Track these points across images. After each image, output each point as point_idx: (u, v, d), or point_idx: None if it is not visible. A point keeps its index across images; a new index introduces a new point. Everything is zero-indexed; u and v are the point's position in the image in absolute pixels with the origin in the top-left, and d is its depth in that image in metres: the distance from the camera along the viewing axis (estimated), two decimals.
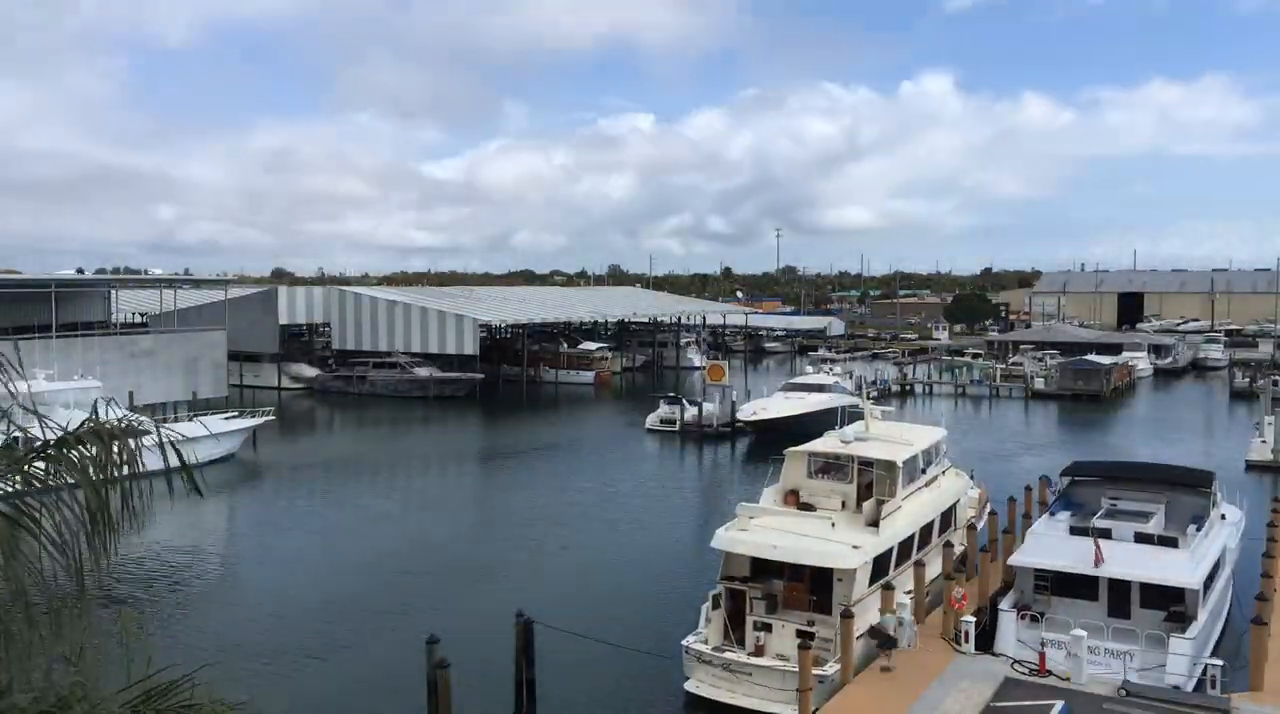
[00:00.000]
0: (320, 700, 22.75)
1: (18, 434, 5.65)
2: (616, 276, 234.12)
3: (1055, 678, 21.26)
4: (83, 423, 5.39)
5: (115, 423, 5.45)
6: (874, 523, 25.17)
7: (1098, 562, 22.94)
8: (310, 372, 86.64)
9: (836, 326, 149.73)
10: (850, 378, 77.27)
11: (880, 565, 24.28)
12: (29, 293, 62.92)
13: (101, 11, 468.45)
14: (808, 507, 26.79)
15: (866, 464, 27.42)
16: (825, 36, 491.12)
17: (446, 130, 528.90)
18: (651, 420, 64.93)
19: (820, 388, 64.54)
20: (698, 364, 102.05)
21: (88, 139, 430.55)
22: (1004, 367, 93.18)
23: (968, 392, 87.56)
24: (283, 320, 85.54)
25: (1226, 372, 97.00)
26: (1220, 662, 21.34)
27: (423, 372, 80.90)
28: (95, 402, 5.73)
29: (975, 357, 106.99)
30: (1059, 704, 19.76)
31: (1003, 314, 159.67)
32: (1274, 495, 39.55)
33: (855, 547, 23.61)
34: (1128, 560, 23.19)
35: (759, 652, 22.82)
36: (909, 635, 23.16)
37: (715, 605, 23.77)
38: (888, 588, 23.43)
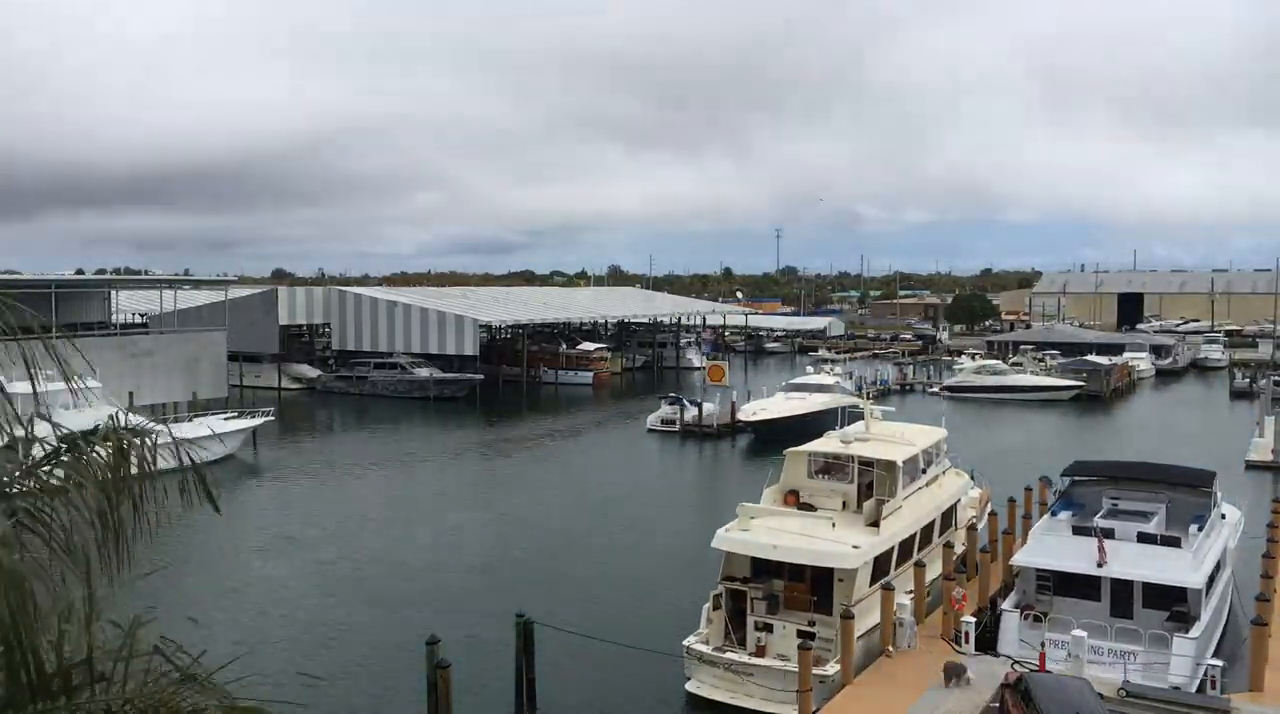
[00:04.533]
0: (321, 701, 22.75)
1: (24, 435, 5.65)
2: (616, 277, 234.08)
3: None
4: (95, 427, 5.41)
5: (127, 426, 5.47)
6: (874, 523, 25.17)
7: (1101, 560, 22.97)
8: (310, 372, 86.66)
9: (836, 327, 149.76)
10: (850, 378, 77.29)
11: (881, 565, 24.29)
12: (28, 293, 62.84)
13: None
14: (808, 507, 26.80)
15: (867, 464, 27.41)
16: None
17: None
18: (652, 420, 64.95)
19: (821, 388, 64.56)
20: (698, 364, 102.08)
21: None
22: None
23: None
24: (283, 321, 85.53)
25: (1226, 372, 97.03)
26: (1220, 662, 21.37)
27: (423, 372, 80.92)
28: (115, 410, 5.74)
29: (974, 356, 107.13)
30: None
31: (1000, 315, 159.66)
32: (1274, 495, 39.57)
33: (856, 547, 23.62)
34: (1130, 560, 23.21)
35: (760, 652, 22.82)
36: (909, 636, 23.20)
37: (716, 606, 23.78)
38: (888, 588, 23.44)
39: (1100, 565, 23.00)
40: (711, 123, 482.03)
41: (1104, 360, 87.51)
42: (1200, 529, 25.22)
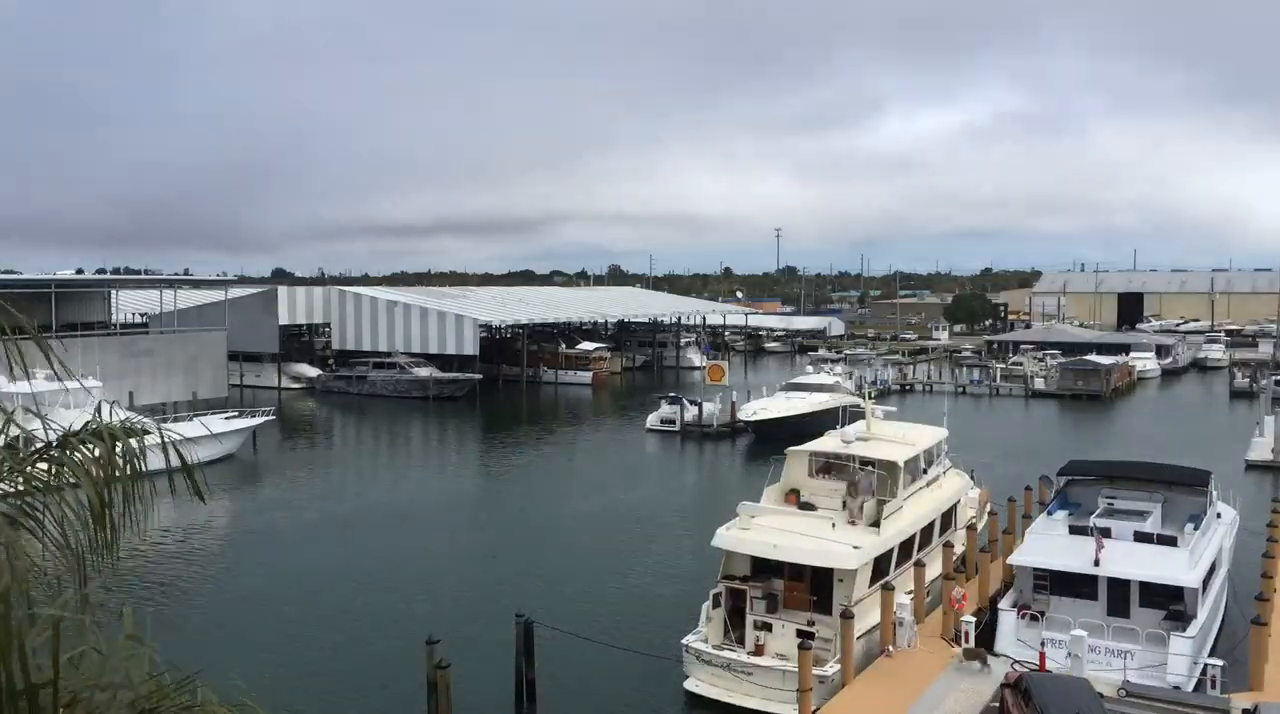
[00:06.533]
0: (321, 701, 22.75)
1: (19, 434, 5.65)
2: (616, 276, 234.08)
3: None
4: (86, 424, 5.40)
5: (118, 423, 5.47)
6: (875, 523, 25.17)
7: (1098, 559, 22.95)
8: (310, 372, 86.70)
9: (836, 327, 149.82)
10: (850, 378, 77.35)
11: (881, 565, 24.29)
12: (29, 293, 62.86)
13: None
14: (808, 506, 26.79)
15: (867, 464, 27.41)
16: None
17: None
18: (652, 420, 64.94)
19: (821, 388, 64.59)
20: (698, 364, 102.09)
21: None
22: (1004, 367, 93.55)
23: (968, 391, 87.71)
24: (283, 320, 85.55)
25: (1226, 372, 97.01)
26: (1220, 662, 21.37)
27: (423, 372, 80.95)
28: (99, 403, 5.73)
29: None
30: None
31: (1003, 315, 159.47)
32: (1274, 495, 39.55)
33: (856, 547, 23.61)
34: (1127, 559, 23.20)
35: (759, 651, 22.83)
36: (909, 636, 23.19)
37: (716, 605, 23.78)
38: (888, 588, 23.43)
39: (1097, 564, 23.00)
40: None
41: (1104, 360, 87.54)
42: (1196, 528, 25.22)
